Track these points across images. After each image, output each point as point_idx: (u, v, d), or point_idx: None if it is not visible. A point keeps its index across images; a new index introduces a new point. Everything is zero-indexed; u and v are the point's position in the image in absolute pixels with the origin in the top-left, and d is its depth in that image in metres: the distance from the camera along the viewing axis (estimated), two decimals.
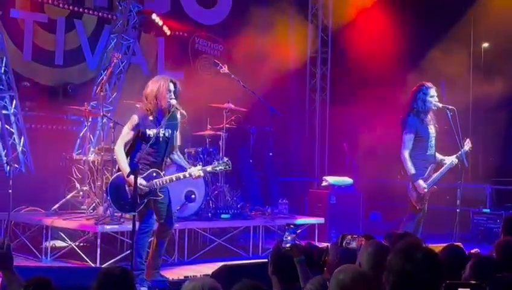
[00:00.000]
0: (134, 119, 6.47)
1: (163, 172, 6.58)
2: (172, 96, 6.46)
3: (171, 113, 6.49)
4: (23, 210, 8.99)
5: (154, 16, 10.80)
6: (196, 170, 6.57)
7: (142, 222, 6.51)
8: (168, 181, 6.53)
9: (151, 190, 6.40)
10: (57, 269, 6.66)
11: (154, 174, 6.46)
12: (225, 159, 6.89)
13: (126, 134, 6.49)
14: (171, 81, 6.52)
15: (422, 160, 8.16)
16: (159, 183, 6.44)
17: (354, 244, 4.36)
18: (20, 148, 9.91)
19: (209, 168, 6.73)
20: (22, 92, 10.08)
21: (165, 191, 6.59)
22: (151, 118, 6.45)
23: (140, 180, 6.26)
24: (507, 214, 9.04)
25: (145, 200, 6.39)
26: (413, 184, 8.04)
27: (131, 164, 6.30)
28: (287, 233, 4.39)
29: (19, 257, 7.75)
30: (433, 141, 8.26)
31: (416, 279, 2.81)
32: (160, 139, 6.45)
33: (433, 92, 8.15)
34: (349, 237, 4.46)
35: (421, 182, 7.97)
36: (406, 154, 8.06)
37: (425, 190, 7.98)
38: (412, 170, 8.00)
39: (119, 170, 6.54)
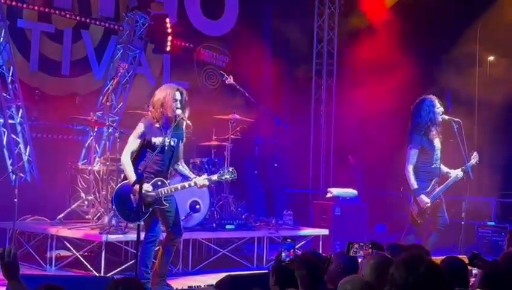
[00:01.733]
0: (140, 127, 6.47)
1: (169, 181, 6.56)
2: (179, 105, 6.44)
3: (176, 123, 6.47)
4: (29, 219, 9.00)
5: (167, 20, 10.84)
6: (201, 179, 6.57)
7: (148, 231, 6.49)
8: (173, 190, 6.51)
9: (157, 199, 6.36)
10: (62, 277, 6.67)
11: (159, 183, 6.43)
12: (230, 168, 6.84)
13: (132, 142, 6.47)
14: (178, 90, 6.51)
15: (428, 173, 8.17)
16: (164, 192, 6.40)
17: (361, 253, 4.37)
18: (26, 158, 9.94)
19: (214, 177, 6.68)
20: (29, 102, 10.11)
21: (171, 199, 6.56)
22: (157, 125, 6.44)
23: (147, 187, 6.25)
24: None
25: (150, 209, 6.35)
26: (415, 198, 8.06)
27: (138, 174, 6.30)
28: (284, 248, 4.39)
29: (24, 266, 7.74)
30: (438, 154, 8.29)
31: None
32: (166, 148, 6.43)
33: (438, 103, 8.17)
34: (357, 245, 4.47)
35: (423, 197, 7.99)
36: (410, 169, 8.10)
37: (428, 205, 7.99)
38: (414, 185, 8.03)
39: (124, 178, 6.53)
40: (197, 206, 8.55)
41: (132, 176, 6.27)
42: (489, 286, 3.89)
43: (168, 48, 11.00)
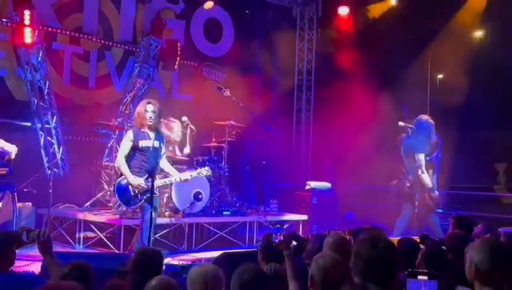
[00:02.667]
0: (130, 134, 6.66)
1: (157, 175, 6.76)
2: (151, 115, 6.57)
3: (156, 129, 6.65)
4: (61, 207, 9.00)
5: (178, 44, 10.87)
6: (184, 175, 6.90)
7: (144, 213, 6.59)
8: (163, 183, 6.85)
9: (150, 189, 6.46)
10: (88, 254, 6.67)
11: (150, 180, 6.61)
12: (207, 167, 7.12)
13: (125, 147, 6.61)
14: (149, 102, 6.68)
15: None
16: (156, 184, 6.55)
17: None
18: (59, 156, 9.92)
19: (194, 173, 6.98)
20: (62, 110, 10.11)
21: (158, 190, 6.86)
22: (142, 130, 6.60)
23: (142, 181, 6.48)
24: (456, 214, 9.07)
25: (144, 197, 6.52)
26: (429, 194, 8.45)
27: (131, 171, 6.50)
28: (274, 232, 4.40)
29: (57, 245, 7.75)
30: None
31: (381, 264, 2.76)
32: (151, 149, 6.57)
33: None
34: (335, 232, 4.49)
35: (436, 192, 8.39)
36: (423, 171, 8.52)
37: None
38: (429, 184, 8.38)
39: (121, 174, 6.67)
40: (200, 196, 8.57)
41: (128, 173, 6.50)
42: (429, 261, 3.92)
43: (176, 67, 11.03)
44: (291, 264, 4.06)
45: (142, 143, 6.54)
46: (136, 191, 6.50)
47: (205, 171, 7.01)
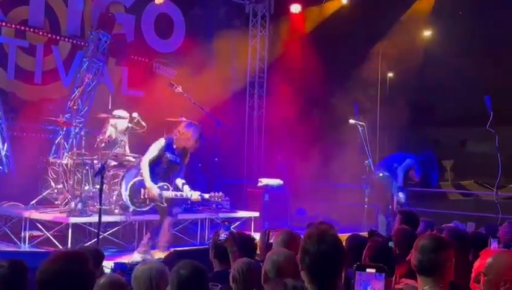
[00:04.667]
0: (162, 142, 7.35)
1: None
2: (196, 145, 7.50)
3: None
4: (6, 205, 8.77)
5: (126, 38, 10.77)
6: (196, 194, 7.38)
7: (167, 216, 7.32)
8: (173, 195, 7.31)
9: (160, 198, 7.17)
10: (33, 253, 6.55)
11: (165, 187, 7.23)
12: (221, 193, 7.58)
13: (153, 152, 7.30)
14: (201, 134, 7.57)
15: None
16: (166, 195, 7.22)
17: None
18: (4, 153, 9.67)
19: (206, 195, 7.44)
20: (6, 105, 9.87)
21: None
22: (174, 146, 7.34)
23: (157, 191, 7.15)
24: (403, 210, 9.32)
25: (152, 204, 7.28)
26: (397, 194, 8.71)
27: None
28: (221, 229, 4.45)
29: (1, 244, 7.58)
30: None
31: (327, 260, 2.75)
32: (173, 163, 7.39)
33: None
34: (272, 232, 4.55)
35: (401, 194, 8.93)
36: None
37: None
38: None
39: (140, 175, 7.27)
40: None
41: (149, 177, 7.16)
42: (375, 255, 4.02)
43: (125, 61, 10.95)
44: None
45: (169, 156, 7.19)
46: (147, 197, 7.11)
47: (217, 197, 7.46)
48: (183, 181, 7.46)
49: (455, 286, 3.19)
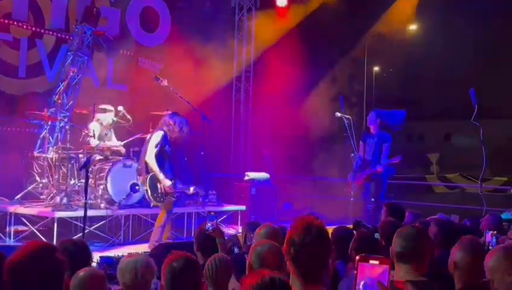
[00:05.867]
0: (160, 134, 7.51)
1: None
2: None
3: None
4: None
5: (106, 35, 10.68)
6: (191, 189, 8.17)
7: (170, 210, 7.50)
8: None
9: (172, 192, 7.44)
10: (17, 247, 6.50)
11: (173, 181, 7.44)
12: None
13: (154, 147, 7.39)
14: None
15: None
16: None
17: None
18: None
19: (192, 189, 8.24)
20: None
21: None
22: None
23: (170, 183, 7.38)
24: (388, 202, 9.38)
25: (166, 198, 7.41)
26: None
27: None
28: (208, 219, 4.47)
29: None
30: None
31: (313, 251, 2.72)
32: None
33: None
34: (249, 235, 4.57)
35: None
36: None
37: None
38: None
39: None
40: (137, 187, 8.48)
41: (160, 172, 7.34)
42: (361, 247, 4.04)
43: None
44: (225, 252, 4.11)
45: (167, 148, 7.35)
46: (164, 191, 7.31)
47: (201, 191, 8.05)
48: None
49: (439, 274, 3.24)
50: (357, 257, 2.38)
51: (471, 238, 3.43)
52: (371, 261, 2.38)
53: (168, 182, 7.31)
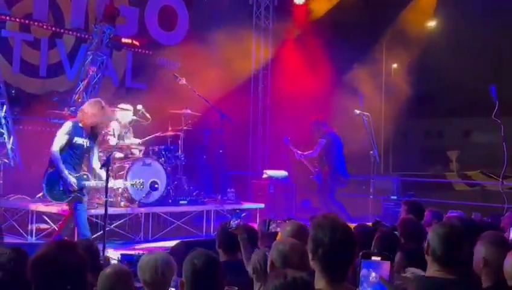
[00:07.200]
0: (69, 125, 6.71)
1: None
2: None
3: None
4: (12, 198, 8.81)
5: (123, 40, 10.76)
6: (117, 182, 6.96)
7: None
8: (93, 185, 6.72)
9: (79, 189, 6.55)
10: (40, 245, 6.57)
11: (85, 176, 6.66)
12: (141, 180, 7.18)
13: (62, 139, 6.64)
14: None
15: None
16: (86, 185, 6.62)
17: (278, 229, 4.40)
18: (10, 146, 9.69)
19: (128, 183, 7.25)
20: (12, 99, 9.89)
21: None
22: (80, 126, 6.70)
23: (74, 179, 6.51)
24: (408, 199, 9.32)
25: (72, 195, 6.54)
26: None
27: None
28: (234, 217, 4.48)
29: (9, 237, 7.61)
30: None
31: (341, 249, 2.72)
32: (84, 147, 6.69)
33: None
34: (274, 222, 4.56)
35: None
36: None
37: None
38: None
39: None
40: (156, 185, 8.52)
41: (63, 167, 6.53)
42: (383, 244, 4.03)
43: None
44: (245, 249, 4.11)
45: (79, 140, 6.58)
46: (64, 188, 6.50)
47: (139, 184, 7.09)
48: (99, 165, 6.72)
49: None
50: (360, 254, 2.40)
51: (495, 233, 3.38)
52: (373, 258, 2.40)
53: (71, 180, 6.48)
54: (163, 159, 8.90)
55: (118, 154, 8.71)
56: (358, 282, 2.42)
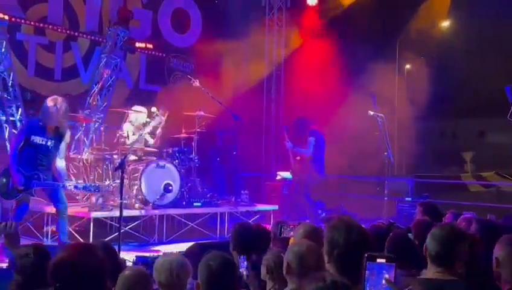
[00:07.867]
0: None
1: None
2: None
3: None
4: None
5: (137, 44, 10.83)
6: (69, 184, 6.86)
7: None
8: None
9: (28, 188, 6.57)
10: (56, 247, 6.62)
11: (35, 176, 6.62)
12: (97, 183, 7.20)
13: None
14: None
15: None
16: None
17: (291, 233, 4.36)
18: None
19: (80, 186, 7.12)
20: (27, 102, 9.97)
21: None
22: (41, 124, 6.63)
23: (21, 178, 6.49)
24: (423, 201, 9.26)
25: (20, 195, 6.57)
26: None
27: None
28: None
29: (24, 239, 7.64)
30: None
31: (357, 251, 2.66)
32: (43, 146, 6.64)
33: None
34: (286, 227, 4.54)
35: None
36: None
37: None
38: None
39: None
40: (170, 188, 8.53)
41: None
42: (395, 246, 4.00)
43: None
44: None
45: (36, 139, 6.55)
46: (14, 186, 6.48)
47: (93, 187, 7.05)
48: (63, 165, 6.80)
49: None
50: (365, 256, 2.40)
51: (509, 235, 3.34)
52: (378, 260, 2.40)
53: (16, 179, 6.42)
54: (177, 161, 8.93)
55: (132, 157, 8.75)
56: (363, 284, 2.42)
